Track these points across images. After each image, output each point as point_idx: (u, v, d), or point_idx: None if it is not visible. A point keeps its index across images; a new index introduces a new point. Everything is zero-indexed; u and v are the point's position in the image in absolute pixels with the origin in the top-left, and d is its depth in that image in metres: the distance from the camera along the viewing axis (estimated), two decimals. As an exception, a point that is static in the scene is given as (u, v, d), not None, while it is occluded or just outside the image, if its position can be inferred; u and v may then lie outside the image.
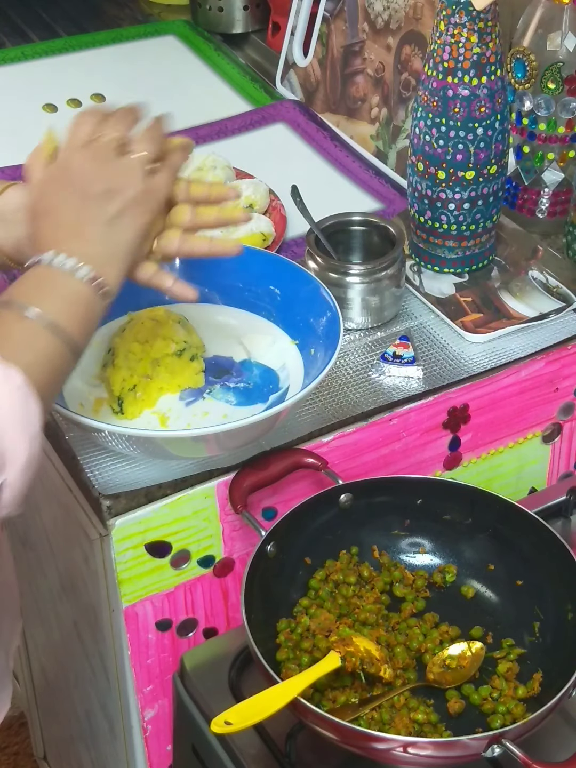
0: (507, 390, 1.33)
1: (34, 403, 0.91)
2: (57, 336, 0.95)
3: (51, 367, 0.95)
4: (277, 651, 1.09)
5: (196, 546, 1.23)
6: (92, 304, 0.99)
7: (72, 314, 0.97)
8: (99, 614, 1.30)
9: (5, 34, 2.00)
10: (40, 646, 1.74)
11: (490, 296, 1.38)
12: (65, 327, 0.96)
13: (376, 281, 1.32)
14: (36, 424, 0.92)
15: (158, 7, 2.10)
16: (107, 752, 1.50)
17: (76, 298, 0.98)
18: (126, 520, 1.17)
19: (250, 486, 1.18)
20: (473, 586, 1.17)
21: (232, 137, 1.69)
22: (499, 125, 1.31)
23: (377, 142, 1.62)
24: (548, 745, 1.07)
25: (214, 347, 1.24)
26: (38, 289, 0.98)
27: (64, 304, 0.97)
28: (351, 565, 1.17)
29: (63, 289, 0.98)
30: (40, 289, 0.98)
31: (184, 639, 1.28)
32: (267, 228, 1.43)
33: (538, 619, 1.13)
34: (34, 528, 1.50)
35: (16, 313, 0.95)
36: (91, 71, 1.87)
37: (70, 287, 0.98)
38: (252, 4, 1.94)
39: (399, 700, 1.06)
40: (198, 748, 1.17)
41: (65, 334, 0.96)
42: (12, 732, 2.10)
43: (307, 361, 1.20)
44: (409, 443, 1.30)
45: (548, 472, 1.44)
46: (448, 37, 1.26)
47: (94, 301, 0.99)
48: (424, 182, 1.35)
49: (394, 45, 1.57)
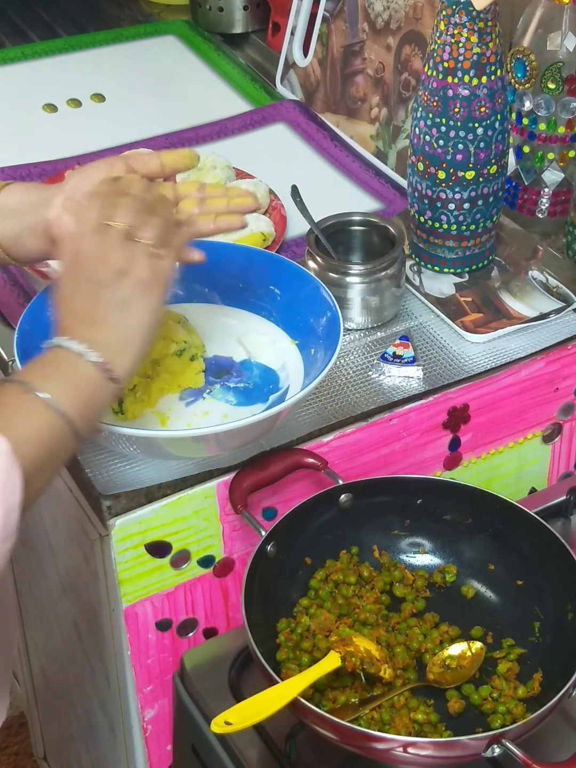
0: (507, 390, 1.33)
1: (16, 475, 0.89)
2: (57, 417, 0.94)
3: (46, 447, 0.94)
4: (277, 651, 1.09)
5: (196, 546, 1.23)
6: (99, 390, 0.99)
7: (76, 397, 0.96)
8: (99, 614, 1.30)
9: (5, 34, 2.00)
10: (40, 646, 1.74)
11: (490, 296, 1.38)
12: (67, 409, 0.95)
13: (376, 281, 1.32)
14: (15, 497, 0.90)
15: (158, 7, 2.09)
16: (107, 752, 1.50)
17: (82, 382, 0.97)
18: (126, 520, 1.17)
19: (250, 486, 1.18)
20: (473, 586, 1.17)
21: (232, 137, 1.69)
22: (499, 125, 1.31)
23: (377, 142, 1.62)
24: (548, 745, 1.07)
25: (214, 347, 1.24)
26: (44, 371, 0.98)
27: (68, 386, 0.97)
28: (351, 565, 1.17)
29: (69, 371, 0.97)
30: (46, 371, 0.98)
31: (184, 639, 1.28)
32: (267, 228, 1.43)
33: (538, 619, 1.13)
34: (34, 528, 1.50)
35: (18, 388, 0.95)
36: (91, 71, 1.87)
37: (77, 370, 0.98)
38: (252, 4, 1.94)
39: (399, 700, 1.06)
40: (198, 748, 1.17)
41: (66, 417, 0.95)
42: (12, 732, 2.10)
43: (307, 361, 1.20)
44: (409, 443, 1.30)
45: (548, 472, 1.44)
46: (448, 37, 1.26)
47: (101, 387, 0.99)
48: (424, 182, 1.35)
49: (394, 45, 1.57)
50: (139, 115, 1.74)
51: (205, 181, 1.51)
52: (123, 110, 1.77)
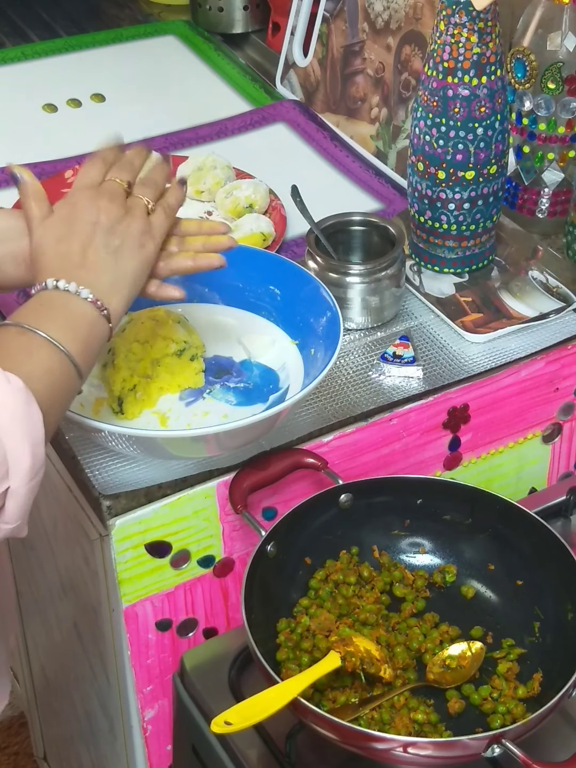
0: (507, 390, 1.33)
1: (36, 409, 0.91)
2: (60, 353, 0.96)
3: (51, 381, 0.95)
4: (277, 651, 1.09)
5: (196, 546, 1.23)
6: (94, 327, 1.00)
7: (74, 334, 0.97)
8: (99, 614, 1.30)
9: (5, 34, 2.00)
10: (40, 646, 1.74)
11: (490, 296, 1.38)
12: (65, 344, 0.96)
13: (376, 281, 1.32)
14: (39, 431, 0.91)
15: (158, 7, 2.10)
16: (107, 752, 1.50)
17: (78, 319, 0.99)
18: (126, 520, 1.17)
19: (250, 486, 1.18)
20: (473, 586, 1.17)
21: (232, 137, 1.69)
22: (499, 125, 1.31)
23: (377, 142, 1.62)
24: (548, 745, 1.07)
25: (214, 347, 1.24)
26: (38, 312, 0.98)
27: (64, 324, 0.98)
28: (351, 565, 1.17)
29: (64, 310, 0.99)
30: (40, 312, 0.98)
31: (184, 639, 1.28)
32: (267, 228, 1.43)
33: (538, 619, 1.13)
34: (34, 528, 1.49)
35: (14, 330, 0.96)
36: (91, 71, 1.87)
37: (71, 308, 0.99)
38: (252, 4, 1.94)
39: (399, 700, 1.06)
40: (198, 748, 1.17)
41: (68, 353, 0.96)
42: (12, 732, 2.10)
43: (307, 361, 1.20)
44: (409, 443, 1.30)
45: (548, 472, 1.44)
46: (448, 37, 1.26)
47: (96, 324, 1.00)
48: (424, 182, 1.35)
49: (394, 45, 1.57)
50: (139, 115, 1.74)
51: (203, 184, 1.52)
52: (123, 110, 1.77)
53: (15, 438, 0.89)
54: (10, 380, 0.90)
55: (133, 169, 1.10)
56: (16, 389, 0.90)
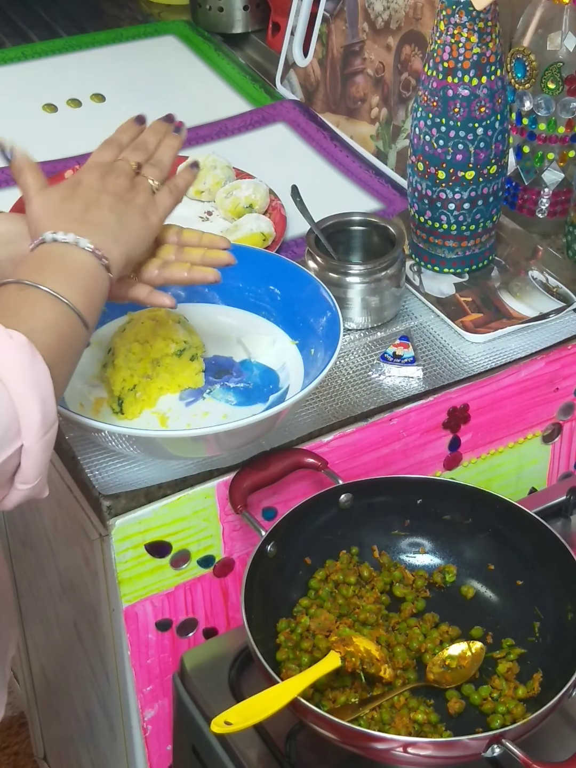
0: (507, 390, 1.33)
1: (41, 363, 0.90)
2: (63, 305, 0.95)
3: (57, 333, 0.94)
4: (277, 651, 1.09)
5: (196, 546, 1.23)
6: (95, 277, 0.99)
7: (75, 285, 0.97)
8: (99, 614, 1.30)
9: (5, 34, 2.01)
10: (40, 646, 1.75)
11: (490, 296, 1.38)
12: (67, 295, 0.95)
13: (376, 281, 1.32)
14: (47, 385, 0.90)
15: (158, 7, 2.10)
16: (107, 752, 1.50)
17: (78, 270, 0.98)
18: (126, 520, 1.17)
19: (250, 486, 1.18)
20: (473, 586, 1.17)
21: (232, 137, 1.69)
22: (499, 125, 1.31)
23: (377, 142, 1.62)
24: (548, 745, 1.07)
25: (214, 347, 1.24)
26: (38, 266, 0.98)
27: (65, 276, 0.97)
28: (351, 565, 1.17)
29: (64, 262, 0.98)
30: (40, 266, 0.98)
31: (184, 639, 1.28)
32: (267, 228, 1.43)
33: (538, 619, 1.13)
34: (34, 528, 1.50)
35: (16, 287, 0.95)
36: (91, 71, 1.87)
37: (71, 259, 0.98)
38: (252, 4, 1.94)
39: (399, 700, 1.06)
40: (198, 748, 1.17)
41: (71, 305, 0.95)
42: (12, 732, 2.10)
43: (307, 361, 1.20)
44: (409, 443, 1.30)
45: (548, 472, 1.44)
46: (448, 37, 1.26)
47: (96, 274, 0.99)
48: (424, 182, 1.35)
49: (394, 45, 1.57)
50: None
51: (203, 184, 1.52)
52: (123, 110, 1.75)
53: (23, 395, 0.88)
54: (13, 336, 0.89)
55: (146, 150, 1.11)
56: (19, 345, 0.89)
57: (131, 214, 1.04)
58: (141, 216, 1.05)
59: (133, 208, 1.05)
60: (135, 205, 1.05)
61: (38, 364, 0.90)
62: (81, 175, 1.07)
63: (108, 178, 1.06)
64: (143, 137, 1.12)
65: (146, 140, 1.12)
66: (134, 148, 1.11)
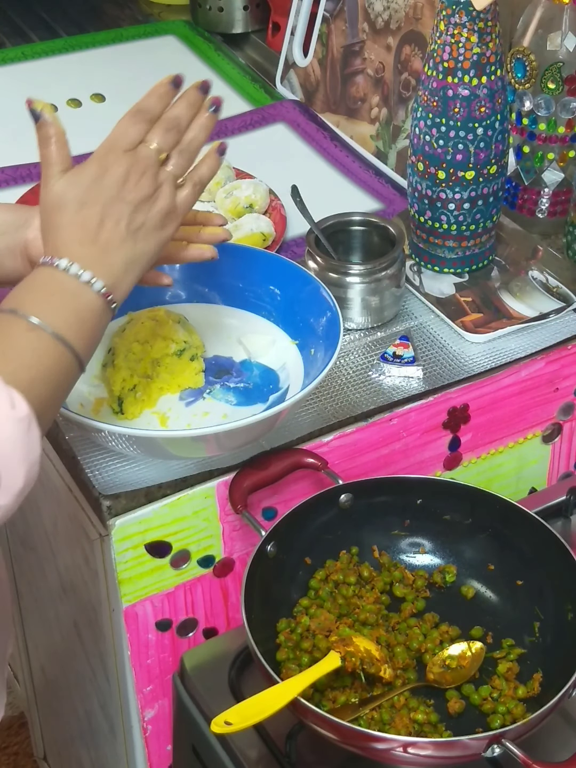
0: (507, 390, 1.33)
1: (35, 430, 0.90)
2: (65, 351, 0.94)
3: (57, 383, 0.94)
4: (277, 651, 1.09)
5: (196, 546, 1.23)
6: (101, 319, 0.98)
7: (81, 328, 0.96)
8: (99, 614, 1.30)
9: (5, 34, 2.01)
10: (40, 646, 1.74)
11: (490, 296, 1.38)
12: (73, 341, 0.94)
13: (376, 281, 1.32)
14: (36, 450, 0.90)
15: (158, 7, 2.10)
16: (107, 752, 1.50)
17: (86, 313, 0.96)
18: (126, 520, 1.17)
19: (250, 486, 1.18)
20: (473, 586, 1.17)
21: (232, 137, 1.69)
22: (499, 125, 1.31)
23: (377, 142, 1.62)
24: (548, 745, 1.07)
25: (214, 347, 1.24)
26: (48, 300, 0.96)
27: (74, 318, 0.95)
28: (351, 565, 1.17)
29: (74, 302, 0.96)
30: (50, 300, 0.96)
31: (184, 639, 1.28)
32: (267, 228, 1.43)
33: (538, 619, 1.13)
34: (34, 528, 1.50)
35: (23, 324, 0.93)
36: (91, 71, 1.87)
37: (81, 301, 0.96)
38: (252, 4, 1.94)
39: (399, 700, 1.06)
40: (198, 748, 1.17)
41: (73, 349, 0.94)
42: (12, 732, 2.10)
43: (307, 361, 1.20)
44: (409, 443, 1.30)
45: (548, 472, 1.44)
46: (448, 37, 1.26)
47: (102, 315, 0.98)
48: (424, 182, 1.35)
49: (394, 45, 1.57)
50: (139, 115, 1.74)
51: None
52: (123, 110, 1.74)
53: (12, 465, 0.88)
54: (15, 405, 0.88)
55: (178, 131, 1.03)
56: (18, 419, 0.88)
57: (149, 231, 1.01)
58: (159, 229, 1.01)
59: (152, 221, 1.01)
60: (154, 217, 1.01)
61: (33, 433, 0.89)
62: (107, 160, 1.00)
63: (131, 177, 1.00)
64: (176, 112, 1.03)
65: (179, 116, 1.03)
66: (165, 129, 1.02)
